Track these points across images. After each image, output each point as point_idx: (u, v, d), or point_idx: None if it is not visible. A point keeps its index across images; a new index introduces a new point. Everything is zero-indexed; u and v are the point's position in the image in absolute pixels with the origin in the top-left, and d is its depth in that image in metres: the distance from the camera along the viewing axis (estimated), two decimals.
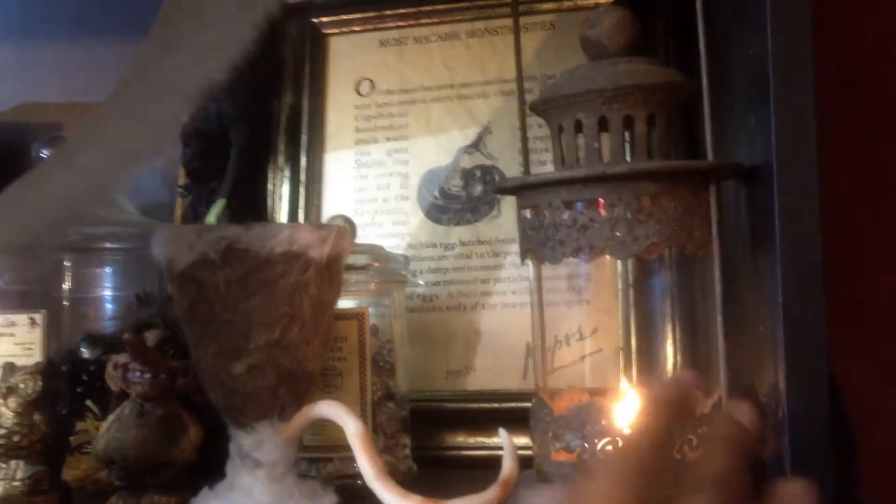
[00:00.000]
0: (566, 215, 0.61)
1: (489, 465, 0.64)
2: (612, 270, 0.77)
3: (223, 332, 0.58)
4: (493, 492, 0.53)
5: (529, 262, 0.65)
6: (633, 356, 0.75)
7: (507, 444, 0.57)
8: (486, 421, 0.75)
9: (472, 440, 0.77)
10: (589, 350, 0.76)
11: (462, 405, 0.77)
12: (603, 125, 0.62)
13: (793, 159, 0.56)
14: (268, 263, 0.57)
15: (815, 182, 0.55)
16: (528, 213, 0.63)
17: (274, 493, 0.60)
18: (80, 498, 0.67)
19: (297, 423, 0.59)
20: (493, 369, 0.78)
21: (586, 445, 0.60)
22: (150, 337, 0.65)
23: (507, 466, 0.55)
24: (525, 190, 0.63)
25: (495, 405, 0.76)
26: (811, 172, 0.55)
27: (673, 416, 0.46)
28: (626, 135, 0.62)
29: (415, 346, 0.78)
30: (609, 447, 0.60)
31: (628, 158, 0.62)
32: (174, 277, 0.59)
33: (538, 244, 0.62)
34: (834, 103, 0.87)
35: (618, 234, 0.60)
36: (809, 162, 0.55)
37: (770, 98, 0.56)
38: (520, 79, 0.68)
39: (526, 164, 0.67)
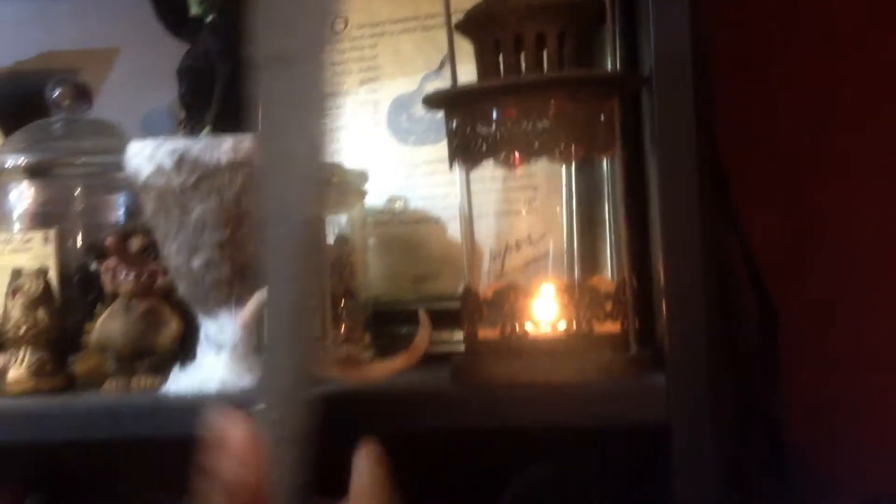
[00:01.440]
0: (488, 122, 0.68)
1: (447, 359, 0.73)
2: (558, 179, 0.84)
3: (181, 232, 0.68)
4: (400, 357, 0.62)
5: (457, 168, 0.73)
6: (576, 257, 0.82)
7: (423, 319, 0.65)
8: (447, 319, 0.83)
9: (433, 336, 0.85)
10: (538, 254, 0.83)
11: (425, 305, 0.85)
12: (520, 42, 0.69)
13: (668, 66, 0.62)
14: (216, 171, 0.67)
15: (690, 86, 0.62)
16: (454, 123, 0.71)
17: (234, 372, 0.69)
18: (88, 384, 0.78)
19: (248, 310, 0.69)
20: (456, 274, 0.86)
21: (506, 324, 0.68)
22: (135, 242, 0.75)
23: (420, 336, 0.64)
24: (451, 101, 0.71)
25: (455, 304, 0.84)
26: (686, 77, 0.62)
27: None
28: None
29: (383, 256, 0.87)
30: (527, 328, 0.68)
31: None
32: (140, 187, 0.69)
33: (463, 150, 0.70)
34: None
35: (533, 138, 0.67)
36: (684, 68, 0.62)
37: (650, 11, 0.62)
38: None
39: (454, 77, 0.75)
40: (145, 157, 0.67)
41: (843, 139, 0.92)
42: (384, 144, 0.90)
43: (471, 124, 0.69)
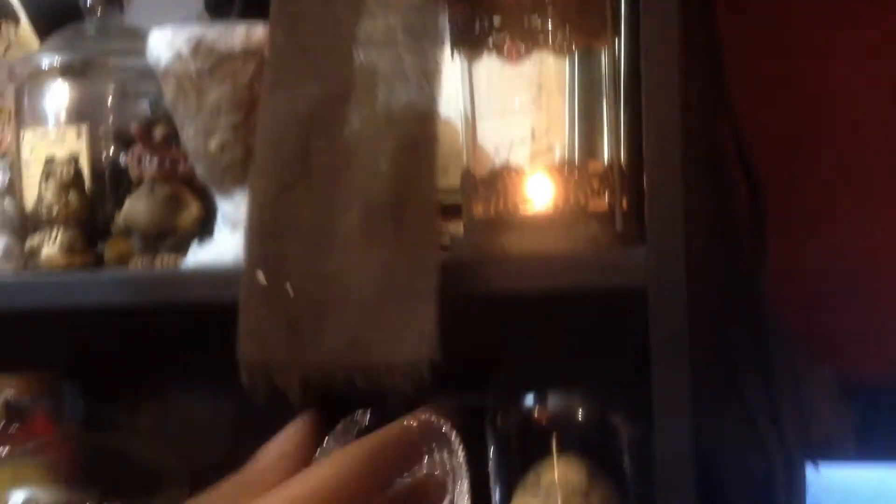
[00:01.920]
0: (487, 11, 0.72)
1: None
2: (561, 75, 0.87)
3: (198, 116, 0.73)
4: None
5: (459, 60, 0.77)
6: (576, 147, 0.86)
7: None
8: (453, 212, 0.88)
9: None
10: (540, 149, 0.87)
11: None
12: None
13: None
14: (230, 57, 0.71)
15: None
16: (454, 14, 0.75)
17: None
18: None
19: None
20: None
21: (500, 200, 0.72)
22: (159, 131, 0.80)
23: None
24: None
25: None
26: None
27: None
28: None
29: None
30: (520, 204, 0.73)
31: None
32: (160, 74, 0.74)
33: (463, 40, 0.74)
34: None
35: (531, 26, 0.72)
36: None
37: None
38: None
39: None
40: (165, 43, 0.72)
41: (850, 25, 0.93)
42: None
43: (470, 14, 0.73)
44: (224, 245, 0.75)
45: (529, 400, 0.81)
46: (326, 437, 0.94)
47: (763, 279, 0.77)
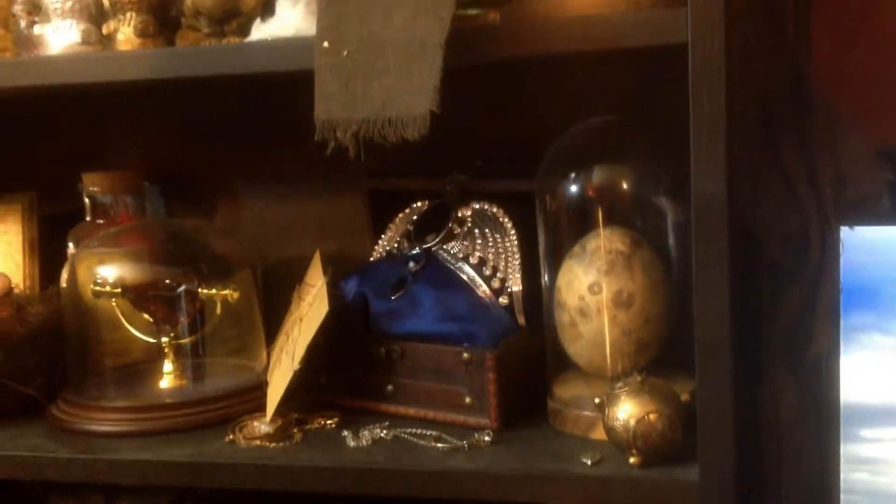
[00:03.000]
0: None
1: None
2: None
3: None
4: None
5: None
6: None
7: None
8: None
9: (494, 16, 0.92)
10: None
11: None
12: None
13: None
14: None
15: None
16: None
17: (307, 21, 0.78)
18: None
19: None
20: None
21: None
22: None
23: None
24: None
25: None
26: None
27: None
28: None
29: None
30: None
31: None
32: None
33: None
34: None
35: None
36: None
37: None
38: None
39: None
40: None
41: None
42: None
43: None
44: (285, 19, 0.79)
45: (576, 176, 0.84)
46: (389, 225, 1.00)
47: (806, 51, 0.79)
